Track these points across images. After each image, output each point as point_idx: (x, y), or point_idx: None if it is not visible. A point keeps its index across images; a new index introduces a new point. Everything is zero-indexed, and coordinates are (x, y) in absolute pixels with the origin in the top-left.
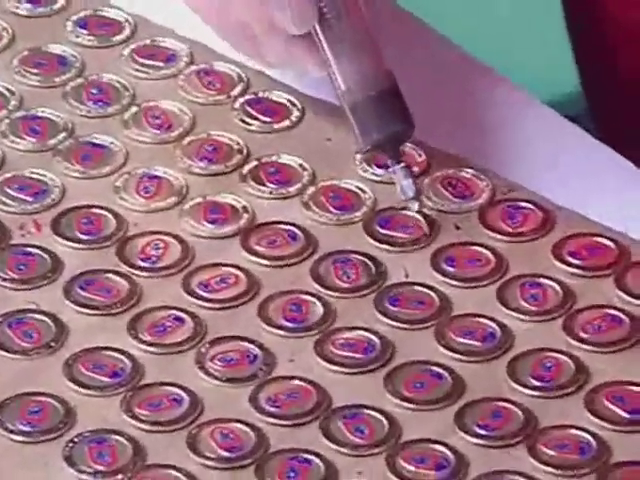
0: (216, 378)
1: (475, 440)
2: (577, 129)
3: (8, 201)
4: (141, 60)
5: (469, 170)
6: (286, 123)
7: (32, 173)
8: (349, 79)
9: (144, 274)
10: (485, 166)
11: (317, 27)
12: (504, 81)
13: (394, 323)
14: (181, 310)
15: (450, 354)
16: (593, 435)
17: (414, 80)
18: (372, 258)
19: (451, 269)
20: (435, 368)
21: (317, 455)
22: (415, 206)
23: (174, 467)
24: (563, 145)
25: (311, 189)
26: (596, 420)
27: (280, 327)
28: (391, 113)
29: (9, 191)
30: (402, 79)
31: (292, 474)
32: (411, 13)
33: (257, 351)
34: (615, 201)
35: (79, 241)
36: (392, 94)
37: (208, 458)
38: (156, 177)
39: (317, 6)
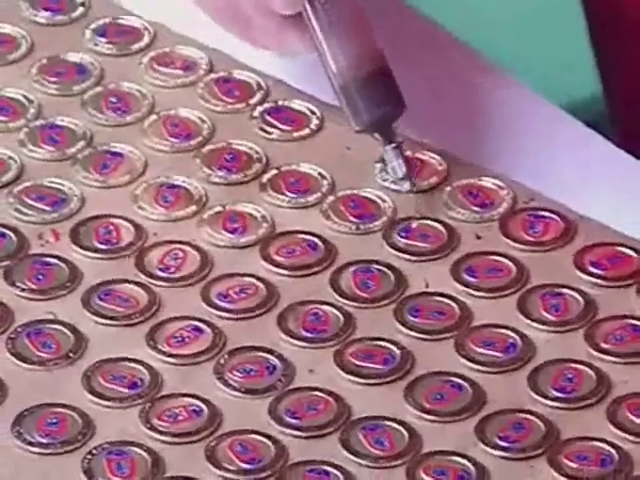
0: (235, 389)
1: (496, 452)
2: (599, 137)
3: (26, 210)
4: (160, 68)
5: (490, 179)
6: (305, 132)
7: (51, 182)
8: (339, 60)
9: (163, 284)
10: (506, 175)
11: (307, 7)
12: (523, 89)
13: (414, 334)
14: (200, 320)
15: (470, 365)
16: (615, 447)
17: (431, 86)
18: (392, 268)
19: (472, 279)
20: (455, 379)
21: (337, 467)
22: (406, 186)
23: (193, 479)
24: (585, 154)
25: (331, 198)
26: (618, 432)
27: (299, 338)
28: (382, 94)
29: (27, 200)
30: (418, 85)
31: None
32: (437, 24)
33: (276, 362)
34: (636, 210)
35: (97, 251)
36: (383, 75)
37: (227, 470)
38: (175, 186)
39: None
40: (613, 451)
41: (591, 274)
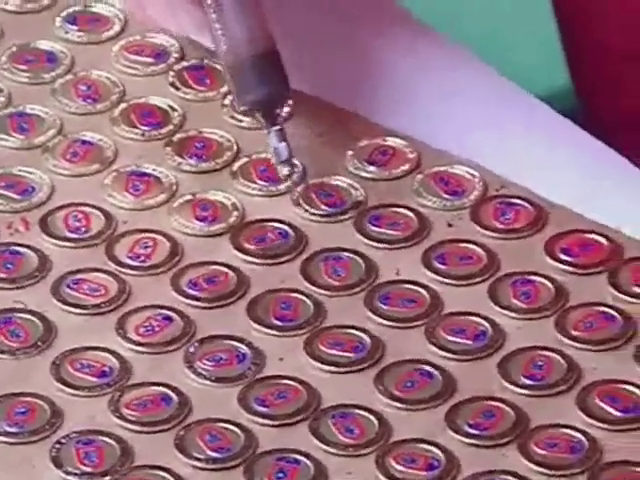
0: (205, 378)
1: (466, 440)
2: (570, 124)
3: None
4: (131, 56)
5: (461, 167)
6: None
7: (20, 171)
8: (230, 39)
9: (133, 273)
10: (476, 162)
11: None
12: (497, 77)
13: (384, 322)
14: (170, 309)
15: (441, 353)
16: (585, 434)
17: (395, 71)
18: (363, 256)
19: (442, 267)
20: (426, 367)
21: (306, 455)
22: (285, 170)
23: (162, 468)
24: (556, 140)
25: (302, 186)
26: (588, 419)
27: (270, 326)
28: (268, 75)
29: None
30: (390, 72)
31: (281, 475)
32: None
33: (246, 350)
34: (607, 197)
35: (67, 239)
36: (271, 56)
37: (196, 459)
38: (145, 175)
39: None
40: (583, 438)
41: (562, 261)
